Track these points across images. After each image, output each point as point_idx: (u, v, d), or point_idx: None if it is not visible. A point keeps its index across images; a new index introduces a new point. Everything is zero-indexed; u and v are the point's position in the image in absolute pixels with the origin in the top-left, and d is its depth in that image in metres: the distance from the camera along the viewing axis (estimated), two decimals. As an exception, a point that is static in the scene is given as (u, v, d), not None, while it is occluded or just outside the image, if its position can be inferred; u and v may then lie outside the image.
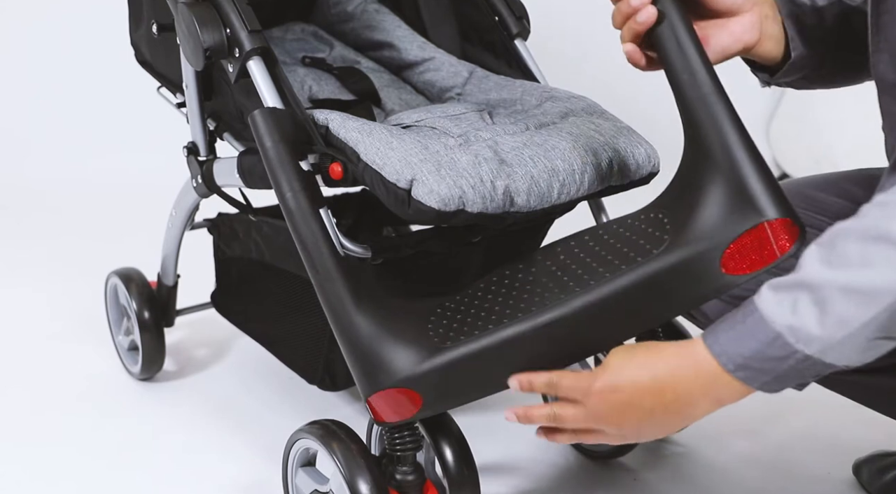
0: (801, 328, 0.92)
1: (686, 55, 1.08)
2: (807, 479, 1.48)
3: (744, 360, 0.96)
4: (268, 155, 1.16)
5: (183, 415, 1.69)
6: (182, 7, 1.25)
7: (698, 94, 1.08)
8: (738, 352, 0.96)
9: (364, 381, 1.11)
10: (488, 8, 1.52)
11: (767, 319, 0.94)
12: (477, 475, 1.21)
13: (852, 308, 0.90)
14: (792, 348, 0.93)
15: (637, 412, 1.01)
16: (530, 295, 1.12)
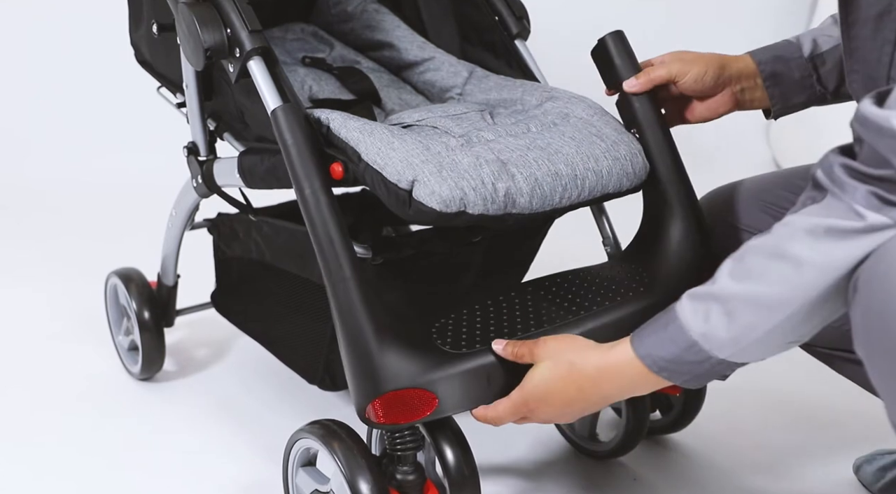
0: (714, 336, 1.01)
1: None
2: (807, 478, 1.48)
3: (665, 363, 1.05)
4: (289, 151, 1.16)
5: (183, 415, 1.69)
6: (182, 7, 1.25)
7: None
8: (661, 356, 1.05)
9: (373, 382, 1.11)
10: (488, 8, 1.52)
11: (685, 327, 1.03)
12: (477, 474, 1.21)
13: (755, 318, 0.99)
14: (706, 354, 1.02)
15: (558, 404, 1.12)
16: (532, 314, 1.22)
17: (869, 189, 0.90)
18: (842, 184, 0.92)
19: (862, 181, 0.91)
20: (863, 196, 0.91)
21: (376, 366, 1.11)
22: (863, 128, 0.91)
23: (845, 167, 0.92)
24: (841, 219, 0.92)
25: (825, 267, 0.94)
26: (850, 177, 0.92)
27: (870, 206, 0.90)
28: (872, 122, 0.89)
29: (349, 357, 1.13)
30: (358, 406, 1.13)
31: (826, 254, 0.93)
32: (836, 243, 0.93)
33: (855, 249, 0.92)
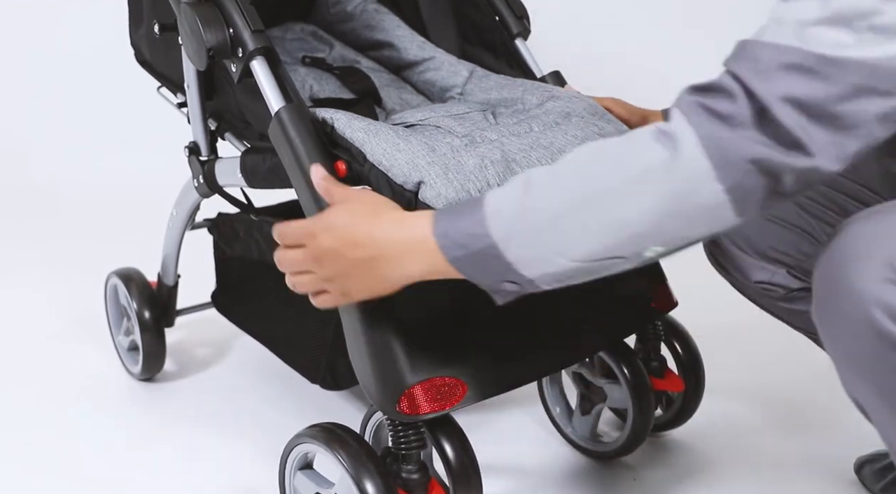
0: (500, 211, 0.96)
1: None
2: (807, 478, 1.48)
3: (447, 228, 0.99)
4: (295, 148, 1.17)
5: (183, 415, 1.69)
6: (185, 7, 1.25)
7: None
8: (449, 221, 1.00)
9: (403, 373, 1.11)
10: (488, 8, 1.52)
11: (485, 199, 0.98)
12: (479, 472, 1.21)
13: (547, 199, 0.94)
14: (485, 230, 0.96)
15: (344, 260, 1.06)
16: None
17: (696, 100, 0.89)
18: (679, 100, 0.91)
19: (695, 92, 0.90)
20: (689, 106, 0.89)
21: (404, 357, 1.11)
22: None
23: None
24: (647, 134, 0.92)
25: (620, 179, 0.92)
26: (687, 91, 0.91)
27: (689, 117, 0.88)
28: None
29: (369, 351, 1.12)
30: (384, 401, 1.13)
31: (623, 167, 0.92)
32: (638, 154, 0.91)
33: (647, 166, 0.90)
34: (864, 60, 0.82)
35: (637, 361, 1.44)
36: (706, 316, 1.70)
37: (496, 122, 1.30)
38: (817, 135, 0.84)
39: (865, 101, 0.83)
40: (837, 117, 0.84)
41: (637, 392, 1.42)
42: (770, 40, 0.85)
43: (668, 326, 1.53)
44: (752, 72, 0.85)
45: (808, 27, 0.83)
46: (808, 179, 0.87)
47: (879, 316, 0.90)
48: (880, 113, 0.84)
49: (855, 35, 0.81)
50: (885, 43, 0.81)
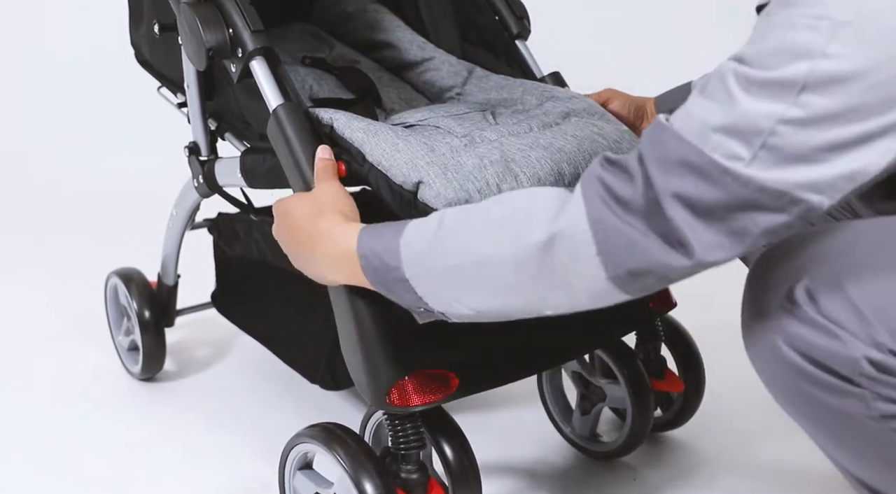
0: (412, 246, 0.99)
1: None
2: (807, 478, 1.48)
3: (368, 251, 1.03)
4: (292, 147, 1.17)
5: (183, 415, 1.69)
6: (185, 7, 1.25)
7: None
8: (370, 244, 1.03)
9: (394, 365, 1.12)
10: (488, 8, 1.52)
11: (405, 229, 1.02)
12: (478, 472, 1.21)
13: (450, 248, 0.97)
14: (398, 261, 1.00)
15: (292, 245, 1.14)
16: None
17: (599, 175, 0.90)
18: (587, 172, 0.92)
19: (603, 165, 0.91)
20: (591, 181, 0.90)
21: (395, 349, 1.11)
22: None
23: None
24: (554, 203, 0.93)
25: (518, 245, 0.93)
26: (598, 162, 0.92)
27: (586, 195, 0.89)
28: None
29: (361, 344, 1.13)
30: (375, 392, 1.13)
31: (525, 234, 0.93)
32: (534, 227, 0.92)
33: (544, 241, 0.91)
34: (752, 178, 0.81)
35: (636, 361, 1.44)
36: (706, 316, 1.70)
37: (495, 123, 1.30)
38: (703, 234, 0.84)
39: (753, 215, 0.83)
40: (725, 222, 0.84)
41: (636, 392, 1.42)
42: (678, 131, 0.85)
43: (668, 326, 1.53)
44: (656, 160, 0.85)
45: (709, 130, 0.83)
46: (693, 272, 0.88)
47: (781, 344, 0.93)
48: (766, 227, 0.84)
49: (749, 150, 0.81)
50: (776, 165, 0.81)
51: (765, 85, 0.81)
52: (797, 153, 0.81)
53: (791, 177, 0.81)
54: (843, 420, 0.94)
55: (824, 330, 0.90)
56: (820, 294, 0.90)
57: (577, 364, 1.50)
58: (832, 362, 0.90)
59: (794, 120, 0.80)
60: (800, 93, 0.80)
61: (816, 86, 0.79)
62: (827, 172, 0.81)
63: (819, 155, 0.81)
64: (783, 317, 0.92)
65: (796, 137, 0.80)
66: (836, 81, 0.79)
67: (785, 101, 0.80)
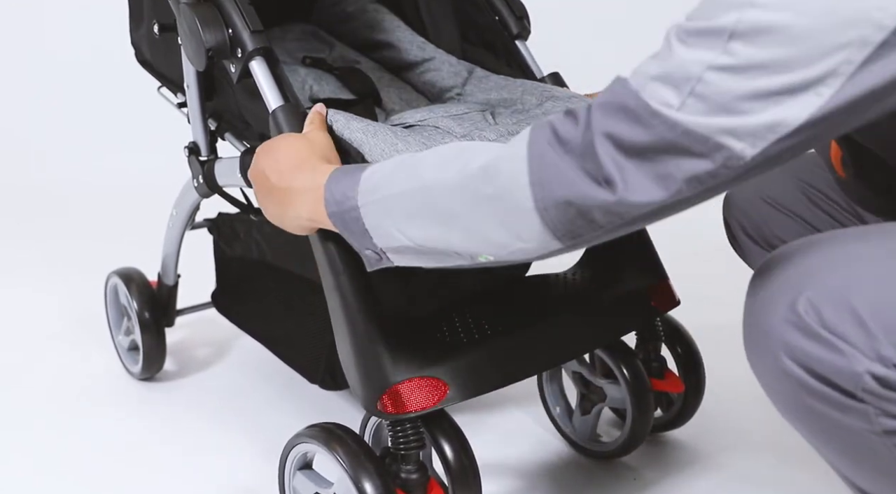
0: (369, 177, 1.03)
1: None
2: (807, 478, 1.48)
3: (333, 183, 1.06)
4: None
5: (183, 415, 1.69)
6: (184, 7, 1.25)
7: None
8: (338, 177, 1.06)
9: (384, 372, 1.12)
10: (488, 8, 1.52)
11: (369, 166, 1.05)
12: (478, 472, 1.21)
13: (401, 178, 1.00)
14: (354, 192, 1.03)
15: (266, 182, 1.14)
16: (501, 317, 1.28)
17: (549, 120, 0.92)
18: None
19: (561, 111, 0.93)
20: (541, 123, 0.93)
21: (388, 356, 1.11)
22: None
23: None
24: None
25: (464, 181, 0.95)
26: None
27: (533, 133, 0.92)
28: None
29: (354, 350, 1.13)
30: (367, 399, 1.14)
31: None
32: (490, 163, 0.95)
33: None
34: (679, 121, 0.83)
35: (636, 361, 1.44)
36: (706, 316, 1.70)
37: (495, 123, 1.30)
38: (629, 174, 0.86)
39: (678, 160, 0.85)
40: (651, 163, 0.86)
41: (636, 392, 1.42)
42: (626, 80, 0.88)
43: (668, 326, 1.53)
44: (600, 105, 0.88)
45: (648, 79, 0.86)
46: (617, 213, 0.89)
47: (783, 357, 0.92)
48: (690, 173, 0.85)
49: (679, 97, 0.84)
50: (703, 113, 0.83)
51: (697, 33, 0.84)
52: (723, 101, 0.82)
53: (715, 123, 0.83)
54: (846, 434, 0.93)
55: (827, 343, 0.88)
56: (823, 305, 0.89)
57: (577, 364, 1.50)
58: (834, 376, 0.89)
59: (722, 67, 0.82)
60: (728, 41, 0.82)
61: (744, 34, 0.81)
62: (749, 121, 0.83)
63: (743, 104, 0.82)
64: (786, 329, 0.91)
65: (723, 85, 0.82)
66: (762, 31, 0.81)
67: (714, 49, 0.82)
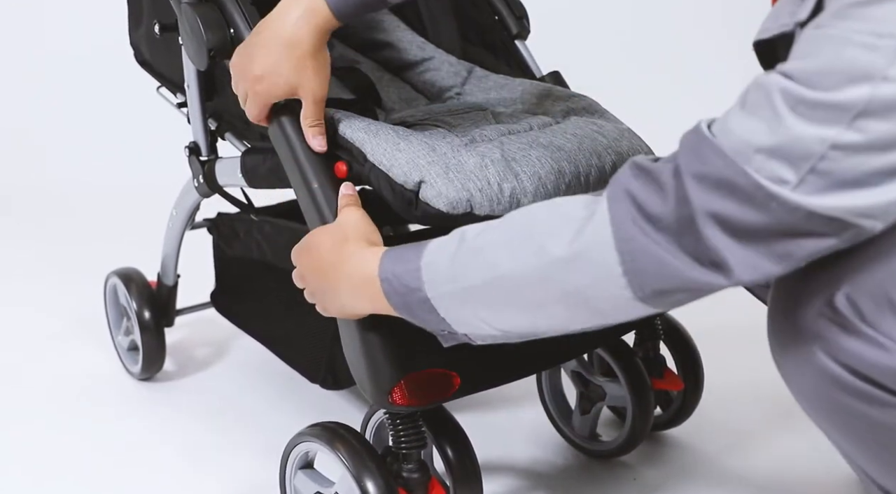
0: (434, 267, 0.97)
1: None
2: (807, 479, 1.48)
3: (389, 275, 1.00)
4: (294, 147, 1.17)
5: (183, 415, 1.69)
6: (186, 7, 1.25)
7: None
8: (392, 268, 1.01)
9: (396, 364, 1.12)
10: (488, 8, 1.52)
11: (425, 250, 0.99)
12: (479, 471, 1.22)
13: (468, 267, 0.94)
14: (419, 283, 0.97)
15: (317, 281, 1.10)
16: None
17: (627, 187, 0.85)
18: (616, 179, 0.88)
19: (634, 173, 0.86)
20: (619, 193, 0.86)
21: (399, 349, 1.11)
22: None
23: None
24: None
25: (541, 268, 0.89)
26: (629, 167, 0.87)
27: (613, 208, 0.85)
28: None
29: (363, 343, 1.13)
30: (377, 391, 1.13)
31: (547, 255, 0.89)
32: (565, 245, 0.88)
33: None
34: (800, 204, 0.77)
35: (636, 360, 1.44)
36: (706, 316, 1.70)
37: (495, 122, 1.30)
38: (742, 256, 0.80)
39: (799, 240, 0.79)
40: (767, 245, 0.80)
41: (637, 391, 1.42)
42: (720, 146, 0.80)
43: (667, 326, 1.53)
44: (694, 175, 0.81)
45: (752, 150, 0.78)
46: (719, 289, 0.84)
47: (819, 354, 0.88)
48: (812, 251, 0.80)
49: (796, 174, 0.77)
50: (825, 190, 0.76)
51: (816, 106, 0.76)
52: (849, 178, 0.76)
53: (842, 203, 0.77)
54: (882, 431, 0.90)
55: (869, 339, 0.85)
56: (863, 302, 0.85)
57: (576, 363, 1.50)
58: (877, 373, 0.85)
59: (849, 145, 0.75)
60: (856, 118, 0.75)
61: (876, 111, 0.74)
62: (881, 198, 0.77)
63: (873, 179, 0.76)
64: (822, 326, 0.88)
65: (849, 161, 0.76)
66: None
67: (838, 125, 0.75)
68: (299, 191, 1.18)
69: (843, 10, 0.76)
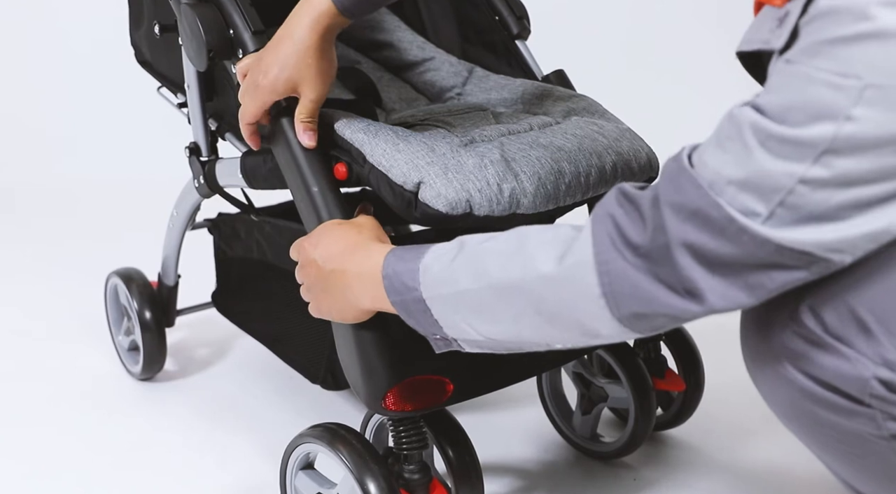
0: (430, 269, 0.98)
1: None
2: (807, 478, 1.48)
3: (390, 272, 1.02)
4: (293, 149, 1.17)
5: (184, 415, 1.69)
6: (185, 8, 1.25)
7: None
8: (394, 265, 1.02)
9: (390, 370, 1.12)
10: (488, 8, 1.52)
11: (426, 252, 1.01)
12: (481, 472, 1.22)
13: (462, 273, 0.96)
14: (416, 283, 0.99)
15: (319, 273, 1.09)
16: None
17: (610, 212, 0.87)
18: (602, 203, 0.90)
19: (617, 200, 0.87)
20: (602, 217, 0.88)
21: (392, 354, 1.11)
22: None
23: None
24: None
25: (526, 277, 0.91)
26: (615, 193, 0.89)
27: (596, 233, 0.87)
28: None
29: (357, 347, 1.13)
30: (370, 396, 1.14)
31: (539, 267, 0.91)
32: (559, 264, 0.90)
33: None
34: (770, 238, 0.78)
35: (638, 361, 1.44)
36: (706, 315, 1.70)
37: (496, 122, 1.30)
38: (715, 285, 0.82)
39: (770, 272, 0.80)
40: (740, 276, 0.81)
41: (639, 391, 1.42)
42: (696, 177, 0.81)
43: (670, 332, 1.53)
44: (671, 205, 0.82)
45: (724, 182, 0.80)
46: (694, 317, 0.86)
47: (786, 366, 0.89)
48: (782, 283, 0.81)
49: (766, 207, 0.78)
50: (795, 224, 0.78)
51: (784, 141, 0.77)
52: (817, 212, 0.77)
53: (811, 237, 0.78)
54: (852, 440, 0.91)
55: (831, 349, 0.86)
56: (824, 311, 0.86)
57: (577, 364, 1.50)
58: (840, 383, 0.86)
59: (815, 180, 0.77)
60: (822, 155, 0.76)
61: (840, 149, 0.75)
62: (848, 232, 0.78)
63: (840, 213, 0.77)
64: (788, 337, 0.88)
65: (816, 196, 0.77)
66: (860, 146, 0.75)
67: (805, 161, 0.76)
68: (297, 193, 1.18)
69: (813, 47, 0.77)
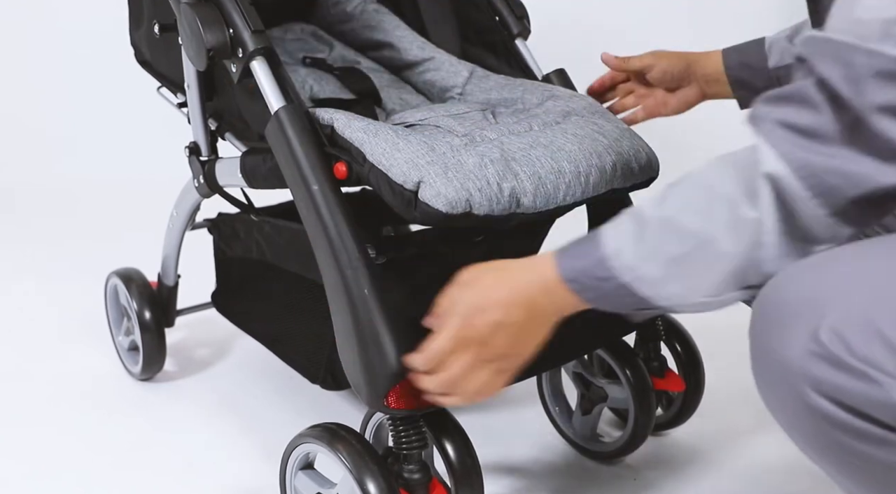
0: (622, 254, 0.95)
1: None
2: (808, 478, 1.48)
3: (575, 274, 0.98)
4: (293, 148, 1.17)
5: (184, 415, 1.69)
6: (185, 7, 1.25)
7: None
8: (572, 266, 0.99)
9: (393, 368, 1.11)
10: (488, 8, 1.52)
11: (601, 241, 0.97)
12: (481, 472, 1.21)
13: (661, 243, 0.93)
14: (611, 272, 0.95)
15: (509, 327, 1.03)
16: None
17: (776, 118, 0.84)
18: (757, 118, 0.87)
19: (773, 104, 0.85)
20: (770, 127, 0.85)
21: (394, 353, 1.11)
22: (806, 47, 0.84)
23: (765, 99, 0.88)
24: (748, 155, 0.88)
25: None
26: (764, 103, 0.87)
27: (773, 143, 0.84)
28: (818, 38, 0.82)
29: (359, 346, 1.13)
30: (373, 396, 1.13)
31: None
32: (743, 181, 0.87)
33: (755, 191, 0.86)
34: None
35: (638, 361, 1.44)
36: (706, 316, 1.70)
37: (496, 122, 1.30)
38: None
39: None
40: None
41: (639, 392, 1.42)
42: (858, 44, 0.77)
43: (668, 326, 1.53)
44: (842, 79, 0.79)
45: (893, 26, 0.75)
46: None
47: (808, 391, 0.85)
48: None
49: None
50: None
51: None
52: None
53: None
54: (880, 468, 0.86)
55: (859, 374, 0.81)
56: (850, 333, 0.82)
57: (577, 364, 1.50)
58: (870, 409, 0.82)
59: None
60: None
61: None
62: None
63: None
64: (809, 361, 0.84)
65: None
66: None
67: None
68: (297, 193, 1.18)
69: None
